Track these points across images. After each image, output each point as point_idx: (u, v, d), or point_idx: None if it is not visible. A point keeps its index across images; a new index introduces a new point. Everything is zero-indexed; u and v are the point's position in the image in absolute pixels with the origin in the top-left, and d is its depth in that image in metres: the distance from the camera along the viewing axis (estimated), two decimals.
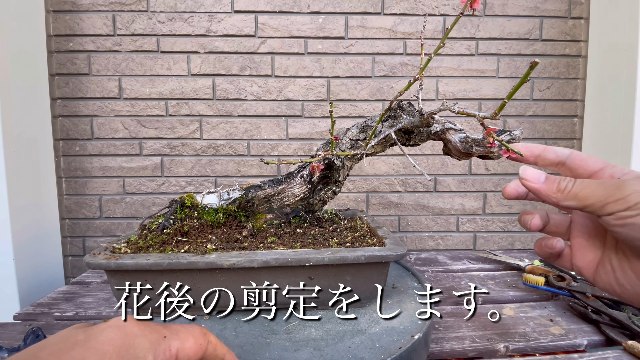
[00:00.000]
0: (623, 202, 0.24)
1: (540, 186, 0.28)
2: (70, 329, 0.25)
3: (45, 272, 0.88)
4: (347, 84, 0.96)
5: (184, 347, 0.26)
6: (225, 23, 0.93)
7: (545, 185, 0.28)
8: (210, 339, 0.28)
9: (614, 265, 0.27)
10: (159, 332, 0.26)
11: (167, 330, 0.27)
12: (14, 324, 0.58)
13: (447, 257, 0.89)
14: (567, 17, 0.97)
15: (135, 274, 0.41)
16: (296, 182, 0.55)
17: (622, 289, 0.27)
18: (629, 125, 0.86)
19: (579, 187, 0.26)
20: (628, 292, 0.27)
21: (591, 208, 0.25)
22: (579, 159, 0.30)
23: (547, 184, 0.28)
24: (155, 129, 0.95)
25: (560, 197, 0.27)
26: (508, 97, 0.30)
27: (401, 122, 0.51)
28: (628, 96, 0.86)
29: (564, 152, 0.30)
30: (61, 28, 0.91)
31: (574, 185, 0.26)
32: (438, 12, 0.95)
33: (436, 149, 0.99)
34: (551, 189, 0.27)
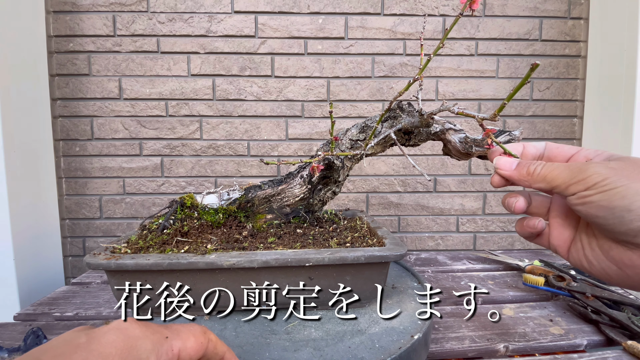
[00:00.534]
0: (584, 182, 0.26)
1: (512, 172, 0.31)
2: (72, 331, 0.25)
3: (45, 273, 0.88)
4: (347, 85, 0.96)
5: (186, 347, 0.27)
6: (225, 23, 0.93)
7: (516, 171, 0.30)
8: (210, 337, 0.29)
9: (583, 243, 0.29)
10: (160, 333, 0.26)
11: (169, 331, 0.27)
12: (14, 324, 0.58)
13: (447, 257, 0.89)
14: (566, 18, 0.97)
15: (135, 274, 0.41)
16: (296, 182, 0.55)
17: (590, 265, 0.29)
18: (629, 125, 0.86)
19: (546, 169, 0.28)
20: (595, 267, 0.28)
21: (558, 189, 0.27)
22: (554, 147, 0.32)
23: (517, 170, 0.30)
24: (155, 129, 0.95)
25: (531, 179, 0.29)
26: (508, 99, 0.30)
27: (401, 122, 0.51)
28: (628, 96, 0.86)
29: (541, 144, 0.33)
30: (61, 29, 0.91)
31: (543, 168, 0.29)
32: (438, 13, 0.95)
33: (436, 149, 0.99)
34: (521, 174, 0.30)
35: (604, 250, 0.27)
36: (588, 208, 0.26)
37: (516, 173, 0.30)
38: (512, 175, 0.31)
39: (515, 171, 0.30)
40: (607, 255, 0.27)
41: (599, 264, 0.28)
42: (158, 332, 0.26)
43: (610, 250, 0.27)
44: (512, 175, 0.31)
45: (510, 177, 0.31)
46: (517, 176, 0.30)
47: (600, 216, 0.25)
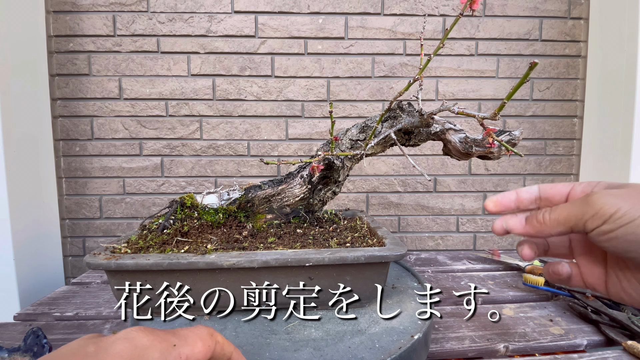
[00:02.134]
0: (598, 217, 0.24)
1: (525, 229, 0.29)
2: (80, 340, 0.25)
3: (45, 272, 0.88)
4: (347, 84, 0.96)
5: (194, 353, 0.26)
6: (225, 23, 0.93)
7: (528, 225, 0.29)
8: (217, 339, 0.29)
9: (619, 277, 0.28)
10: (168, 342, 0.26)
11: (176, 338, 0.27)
12: (14, 324, 0.58)
13: (447, 257, 0.89)
14: (566, 18, 0.97)
15: (135, 274, 0.41)
16: (296, 182, 0.55)
17: (631, 298, 0.28)
18: (629, 125, 0.86)
19: (555, 213, 0.27)
20: (635, 299, 0.27)
21: (577, 228, 0.26)
22: (548, 187, 0.31)
23: (529, 224, 0.29)
24: (155, 129, 0.95)
25: (545, 228, 0.28)
26: (507, 98, 0.30)
27: (401, 122, 0.51)
28: (628, 96, 0.86)
29: (533, 188, 0.32)
30: (61, 28, 0.91)
31: (551, 213, 0.28)
32: (438, 13, 0.95)
33: (436, 149, 0.99)
34: (534, 227, 0.29)
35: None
36: (616, 244, 0.24)
37: (529, 228, 0.29)
38: (526, 231, 0.29)
39: (528, 226, 0.29)
40: None
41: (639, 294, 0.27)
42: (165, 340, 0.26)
43: None
44: (527, 230, 0.29)
45: (526, 233, 0.29)
46: (531, 229, 0.29)
47: (632, 250, 0.24)
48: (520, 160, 1.00)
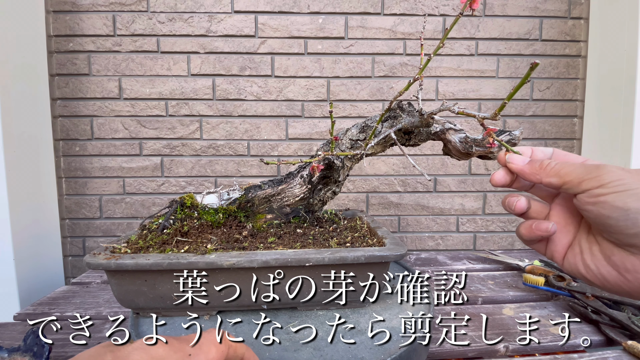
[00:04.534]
0: (598, 179, 0.25)
1: (525, 167, 0.31)
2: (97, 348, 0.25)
3: (45, 272, 0.88)
4: (347, 84, 0.96)
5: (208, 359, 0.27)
6: (225, 23, 0.93)
7: (529, 165, 0.30)
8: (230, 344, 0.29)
9: (582, 248, 0.29)
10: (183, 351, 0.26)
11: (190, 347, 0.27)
12: (14, 324, 0.58)
13: (447, 257, 0.89)
14: (567, 17, 0.97)
15: (135, 274, 0.41)
16: (296, 182, 0.55)
17: (587, 270, 0.28)
18: (629, 125, 0.86)
19: (560, 165, 0.28)
20: (592, 273, 0.28)
21: (569, 185, 0.27)
22: (562, 154, 0.32)
23: (530, 165, 0.30)
24: (155, 129, 0.95)
25: (543, 173, 0.29)
26: (508, 98, 0.30)
27: (401, 122, 0.51)
28: (628, 96, 0.86)
29: (548, 150, 0.33)
30: (61, 28, 0.91)
31: (557, 164, 0.29)
32: (438, 13, 0.95)
33: (436, 149, 0.99)
34: (534, 167, 0.30)
35: (606, 255, 0.27)
36: (600, 207, 0.25)
37: (528, 167, 0.30)
38: (523, 169, 0.30)
39: (528, 165, 0.30)
40: (609, 260, 0.27)
41: (598, 269, 0.28)
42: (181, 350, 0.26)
43: (612, 255, 0.27)
44: (524, 169, 0.30)
45: (522, 171, 0.31)
46: (529, 169, 0.30)
47: (613, 217, 0.25)
48: None
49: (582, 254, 0.29)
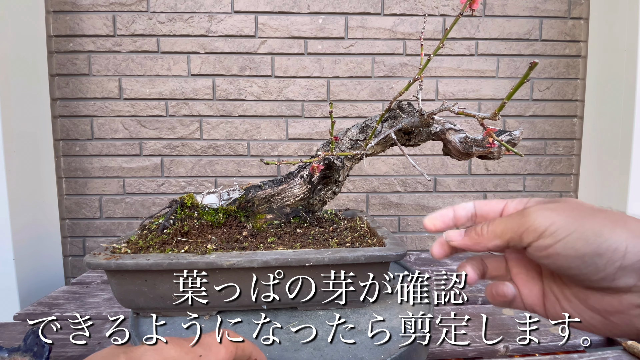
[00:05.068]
0: (533, 230, 0.24)
1: (463, 240, 0.30)
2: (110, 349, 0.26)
3: (45, 272, 0.88)
4: (347, 84, 0.96)
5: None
6: (225, 23, 0.93)
7: (467, 237, 0.29)
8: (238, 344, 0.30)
9: (556, 295, 0.27)
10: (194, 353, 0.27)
11: (201, 348, 0.28)
12: (14, 324, 0.58)
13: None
14: (567, 18, 0.97)
15: (135, 274, 0.41)
16: (296, 182, 0.55)
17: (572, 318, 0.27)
18: (629, 125, 0.86)
19: (492, 225, 0.27)
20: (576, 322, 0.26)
21: (512, 242, 0.26)
22: (483, 204, 0.32)
23: (468, 236, 0.29)
24: (155, 129, 0.95)
25: (483, 240, 0.28)
26: (507, 98, 0.30)
27: (401, 122, 0.51)
28: (628, 96, 0.86)
29: (469, 204, 0.32)
30: (61, 28, 0.91)
31: (489, 225, 0.28)
32: (438, 13, 0.95)
33: (436, 149, 0.99)
34: (472, 238, 0.29)
35: (581, 299, 0.25)
36: (555, 260, 0.24)
37: (467, 239, 0.29)
38: (464, 243, 0.30)
39: (466, 237, 0.29)
40: (587, 305, 0.25)
41: (582, 316, 0.26)
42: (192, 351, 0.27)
43: (587, 299, 0.25)
44: (464, 243, 0.30)
45: (463, 245, 0.30)
46: (469, 241, 0.29)
47: (573, 267, 0.23)
48: (520, 160, 1.00)
49: (559, 303, 0.27)
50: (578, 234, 0.23)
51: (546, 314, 0.29)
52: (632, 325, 0.23)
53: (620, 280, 0.22)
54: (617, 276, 0.22)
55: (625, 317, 0.23)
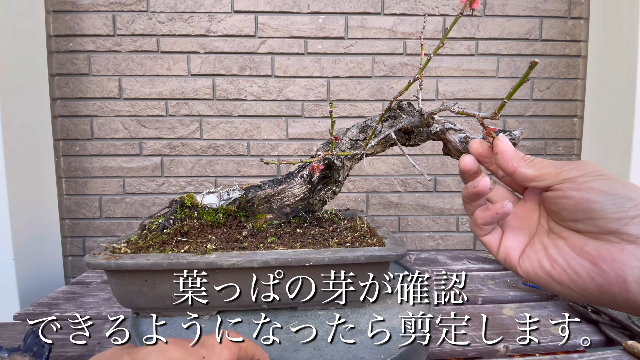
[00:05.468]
0: (578, 169, 0.26)
1: (511, 149, 0.30)
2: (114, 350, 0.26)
3: (45, 272, 0.88)
4: (347, 84, 0.96)
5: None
6: (225, 23, 0.93)
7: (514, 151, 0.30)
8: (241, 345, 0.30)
9: (546, 244, 0.29)
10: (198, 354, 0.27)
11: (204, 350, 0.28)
12: (14, 324, 0.58)
13: (447, 257, 0.89)
14: (567, 17, 0.97)
15: (135, 274, 0.41)
16: (296, 182, 0.55)
17: (553, 265, 0.28)
18: (629, 125, 0.86)
19: (537, 160, 0.29)
20: (560, 266, 0.27)
21: (545, 176, 0.28)
22: None
23: (515, 152, 0.30)
24: (155, 129, 0.95)
25: (522, 163, 0.29)
26: (507, 97, 0.30)
27: (401, 122, 0.51)
28: (628, 96, 0.86)
29: None
30: (61, 28, 0.91)
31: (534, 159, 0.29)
32: (438, 12, 0.95)
33: (436, 149, 0.99)
34: (517, 155, 0.30)
35: (576, 247, 0.27)
36: (585, 193, 0.25)
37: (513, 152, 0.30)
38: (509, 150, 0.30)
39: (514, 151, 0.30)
40: (580, 252, 0.26)
41: (567, 261, 0.27)
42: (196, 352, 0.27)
43: (584, 246, 0.26)
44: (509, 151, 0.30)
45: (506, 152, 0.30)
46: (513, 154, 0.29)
47: (599, 201, 0.25)
48: None
49: (545, 250, 0.29)
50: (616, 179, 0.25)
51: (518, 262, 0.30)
52: (621, 276, 0.24)
53: (634, 227, 0.24)
54: (634, 222, 0.24)
55: (618, 266, 0.24)
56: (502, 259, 0.31)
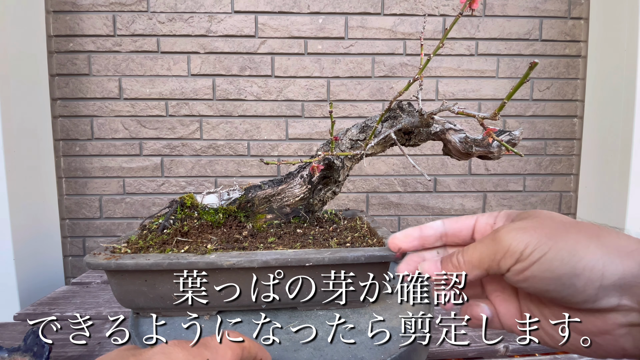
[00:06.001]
0: (509, 255, 0.23)
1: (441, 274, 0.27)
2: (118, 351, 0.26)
3: (45, 272, 0.88)
4: (347, 84, 0.96)
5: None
6: (225, 23, 0.93)
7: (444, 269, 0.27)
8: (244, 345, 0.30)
9: (535, 315, 0.26)
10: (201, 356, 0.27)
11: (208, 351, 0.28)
12: (14, 324, 0.58)
13: None
14: (567, 17, 0.97)
15: (135, 274, 0.41)
16: (296, 182, 0.55)
17: (554, 340, 0.25)
18: (629, 125, 0.86)
19: (467, 255, 0.26)
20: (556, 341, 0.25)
21: (491, 270, 0.24)
22: (452, 222, 0.29)
23: (445, 268, 0.27)
24: (155, 129, 0.95)
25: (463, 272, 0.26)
26: (507, 98, 0.30)
27: (401, 122, 0.51)
28: (628, 96, 0.86)
29: (437, 223, 0.30)
30: (61, 28, 0.91)
31: (464, 254, 0.26)
32: (438, 13, 0.95)
33: (436, 149, 0.99)
34: (450, 270, 0.27)
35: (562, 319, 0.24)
36: (533, 283, 0.23)
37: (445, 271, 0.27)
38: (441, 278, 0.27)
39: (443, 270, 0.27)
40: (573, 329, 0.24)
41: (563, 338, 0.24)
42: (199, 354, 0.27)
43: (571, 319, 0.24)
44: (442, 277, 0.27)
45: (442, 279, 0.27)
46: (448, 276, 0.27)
47: (551, 289, 0.22)
48: (520, 160, 1.00)
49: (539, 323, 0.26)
50: (552, 253, 0.21)
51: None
52: (617, 345, 0.22)
53: (603, 300, 0.21)
54: (599, 297, 0.21)
55: (610, 337, 0.22)
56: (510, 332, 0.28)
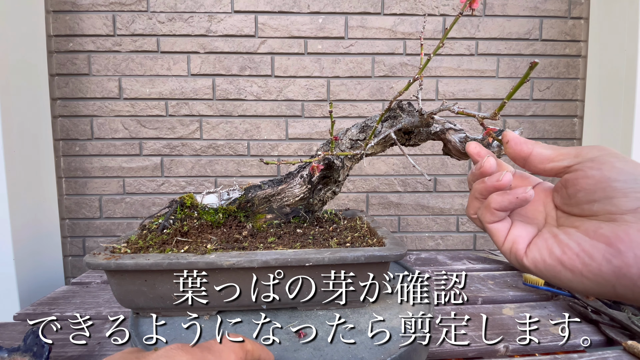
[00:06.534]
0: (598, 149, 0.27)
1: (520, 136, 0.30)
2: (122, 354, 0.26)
3: (45, 272, 0.88)
4: (347, 84, 0.96)
5: None
6: (225, 23, 0.93)
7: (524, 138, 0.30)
8: (247, 347, 0.30)
9: (556, 232, 0.28)
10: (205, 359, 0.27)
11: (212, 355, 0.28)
12: (14, 324, 0.58)
13: (447, 257, 0.89)
14: (567, 17, 0.97)
15: (135, 274, 0.41)
16: (296, 182, 0.55)
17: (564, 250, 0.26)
18: (629, 125, 0.86)
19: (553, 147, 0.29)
20: (572, 251, 0.26)
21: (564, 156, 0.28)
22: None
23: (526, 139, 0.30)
24: (155, 129, 0.95)
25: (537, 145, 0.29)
26: (507, 98, 0.30)
27: (401, 122, 0.51)
28: (628, 96, 0.86)
29: None
30: (61, 28, 0.91)
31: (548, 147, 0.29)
32: (438, 12, 0.95)
33: (436, 149, 0.99)
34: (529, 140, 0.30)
35: (590, 231, 0.26)
36: (607, 171, 0.25)
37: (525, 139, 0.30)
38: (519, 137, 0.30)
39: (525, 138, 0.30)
40: (595, 234, 0.25)
41: (580, 245, 0.25)
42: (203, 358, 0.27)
43: (599, 229, 0.25)
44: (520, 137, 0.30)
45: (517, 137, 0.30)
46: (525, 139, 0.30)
47: (620, 179, 0.25)
48: None
49: (556, 237, 0.27)
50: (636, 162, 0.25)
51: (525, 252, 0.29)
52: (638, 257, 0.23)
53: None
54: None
55: (637, 246, 0.23)
56: (507, 249, 0.30)
